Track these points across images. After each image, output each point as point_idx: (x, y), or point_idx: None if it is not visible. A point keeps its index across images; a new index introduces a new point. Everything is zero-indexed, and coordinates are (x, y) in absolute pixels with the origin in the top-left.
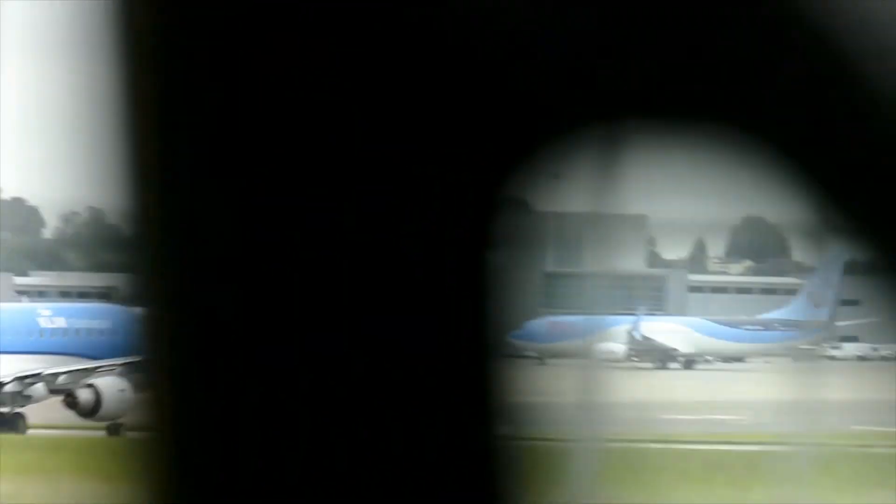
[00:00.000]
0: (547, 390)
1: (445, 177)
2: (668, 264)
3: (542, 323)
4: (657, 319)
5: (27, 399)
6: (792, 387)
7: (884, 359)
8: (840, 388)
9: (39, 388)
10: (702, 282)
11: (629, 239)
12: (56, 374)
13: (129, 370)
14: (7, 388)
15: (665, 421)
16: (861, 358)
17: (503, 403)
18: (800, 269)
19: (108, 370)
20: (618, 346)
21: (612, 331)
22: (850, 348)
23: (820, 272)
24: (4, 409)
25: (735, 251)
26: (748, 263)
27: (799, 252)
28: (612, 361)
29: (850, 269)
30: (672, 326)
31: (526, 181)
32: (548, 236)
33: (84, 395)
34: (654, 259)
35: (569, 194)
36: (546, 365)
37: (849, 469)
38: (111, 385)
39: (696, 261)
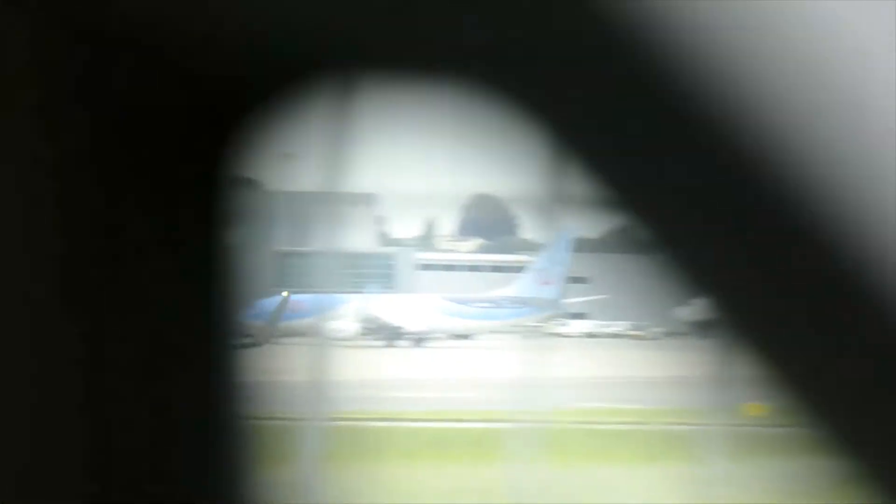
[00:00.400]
0: (278, 369)
1: (173, 158)
2: (398, 242)
3: (274, 302)
4: (387, 297)
5: None
6: (521, 364)
7: (611, 336)
8: (568, 365)
9: None
10: (431, 259)
11: (359, 217)
12: None
13: None
14: None
15: (394, 399)
16: (589, 335)
17: (236, 383)
18: (528, 247)
19: None
20: (348, 325)
21: (343, 309)
22: (578, 325)
23: (548, 249)
24: None
25: (464, 228)
26: (477, 241)
27: (528, 229)
28: (342, 340)
29: (578, 246)
30: (402, 304)
31: (256, 160)
32: (278, 215)
33: None
34: (384, 237)
35: (299, 173)
36: (278, 344)
37: (577, 445)
38: None
39: (426, 238)
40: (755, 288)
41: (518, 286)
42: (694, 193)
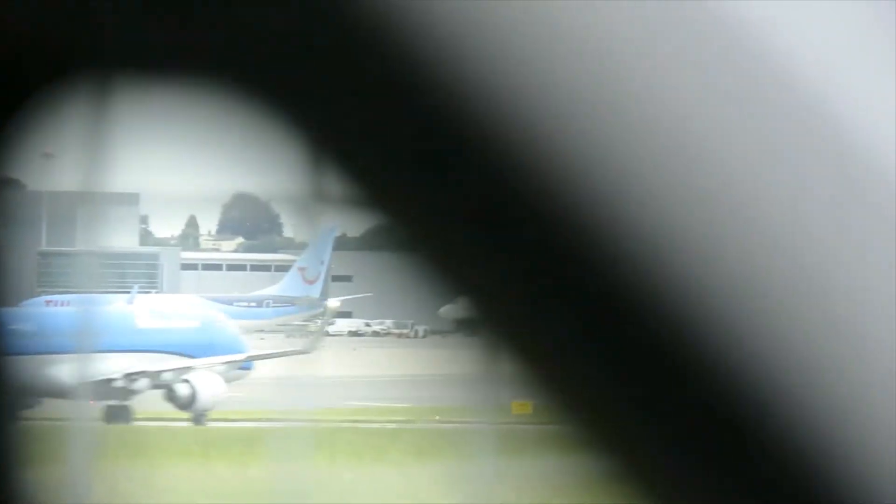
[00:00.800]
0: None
1: None
2: (161, 242)
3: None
4: (151, 297)
5: (133, 393)
6: (286, 363)
7: (375, 334)
8: (334, 364)
9: (144, 383)
10: (194, 259)
11: (122, 216)
12: (159, 372)
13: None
14: (116, 384)
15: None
16: (354, 333)
17: (4, 384)
18: (291, 245)
19: (203, 367)
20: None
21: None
22: (343, 324)
23: (311, 248)
24: (114, 403)
25: (227, 228)
26: (240, 240)
27: (290, 228)
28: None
29: (341, 244)
30: (166, 304)
31: (15, 160)
32: (40, 215)
33: (182, 391)
34: (147, 237)
35: (60, 173)
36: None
37: (344, 444)
38: (204, 381)
39: (189, 238)
40: (514, 288)
41: (282, 285)
42: (455, 195)
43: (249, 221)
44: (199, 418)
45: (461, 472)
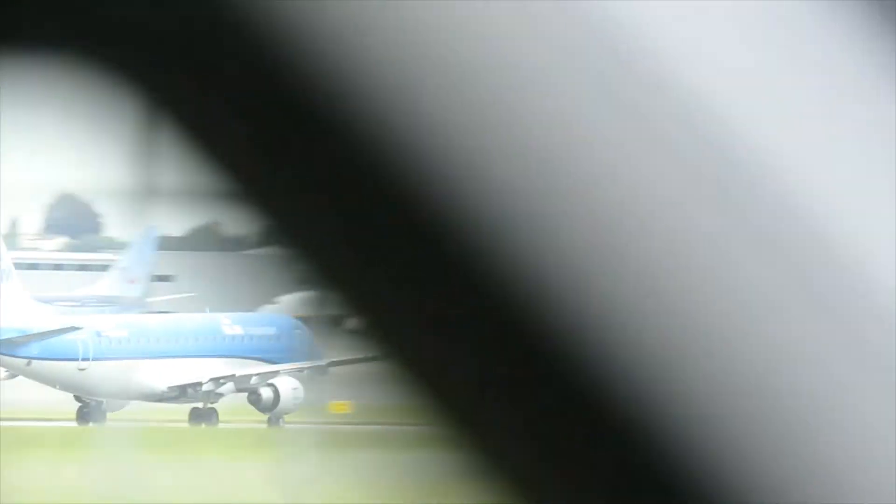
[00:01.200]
0: None
1: None
2: None
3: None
4: None
5: (219, 396)
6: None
7: None
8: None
9: (229, 387)
10: (16, 258)
11: None
12: (246, 376)
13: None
14: (204, 388)
15: None
16: None
17: None
18: (113, 245)
19: (286, 372)
20: None
21: None
22: None
23: (133, 247)
24: (201, 405)
25: (49, 227)
26: (62, 239)
27: (113, 227)
28: None
29: (163, 244)
30: None
31: None
32: None
33: (266, 394)
34: None
35: None
36: None
37: (167, 442)
38: (287, 385)
39: (10, 237)
40: (370, 284)
41: (103, 285)
42: (306, 188)
43: (73, 221)
44: (276, 420)
45: (277, 471)
